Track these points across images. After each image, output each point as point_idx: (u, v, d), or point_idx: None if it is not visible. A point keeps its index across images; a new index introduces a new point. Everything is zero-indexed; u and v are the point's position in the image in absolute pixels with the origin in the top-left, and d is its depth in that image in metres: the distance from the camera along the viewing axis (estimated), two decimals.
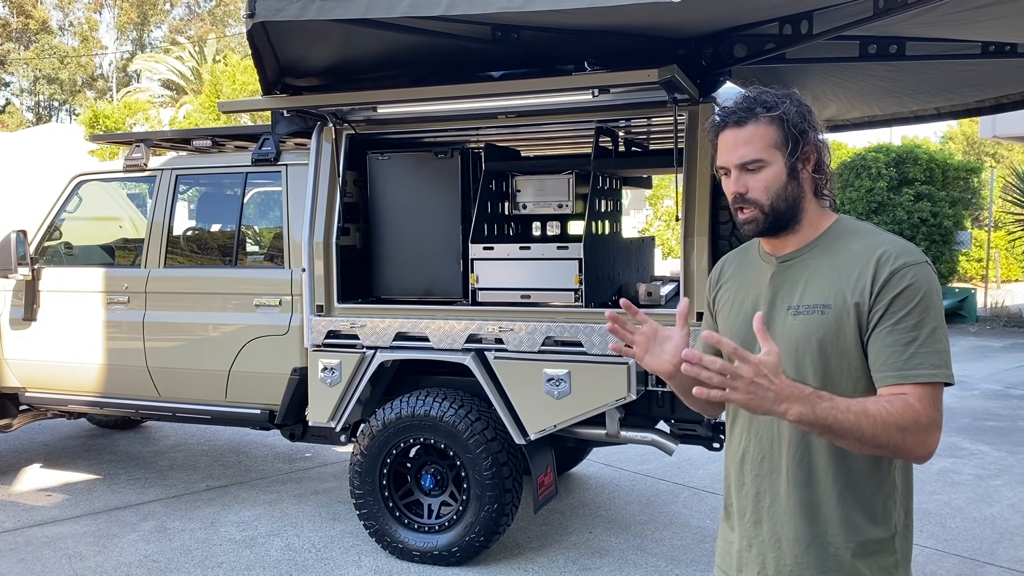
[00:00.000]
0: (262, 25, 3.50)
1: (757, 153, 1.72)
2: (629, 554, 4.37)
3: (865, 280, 1.65)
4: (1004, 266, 19.39)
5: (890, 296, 1.63)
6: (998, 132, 14.37)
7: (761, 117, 1.71)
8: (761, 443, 1.77)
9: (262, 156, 4.73)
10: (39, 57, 43.44)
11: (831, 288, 1.69)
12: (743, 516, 1.80)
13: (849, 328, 1.66)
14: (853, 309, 1.65)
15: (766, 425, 1.75)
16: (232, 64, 23.93)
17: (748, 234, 1.77)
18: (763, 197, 1.73)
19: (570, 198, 4.45)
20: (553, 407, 3.94)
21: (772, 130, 1.72)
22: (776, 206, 1.73)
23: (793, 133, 1.71)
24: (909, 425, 1.55)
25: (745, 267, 1.89)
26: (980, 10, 3.20)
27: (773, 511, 1.74)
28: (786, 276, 1.77)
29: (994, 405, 7.95)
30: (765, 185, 1.72)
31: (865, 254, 1.68)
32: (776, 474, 1.74)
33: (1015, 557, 4.36)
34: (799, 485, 1.71)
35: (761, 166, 1.72)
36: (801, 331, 1.70)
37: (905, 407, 1.56)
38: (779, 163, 1.72)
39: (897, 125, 5.65)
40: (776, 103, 1.72)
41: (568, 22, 3.41)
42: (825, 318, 1.68)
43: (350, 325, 4.33)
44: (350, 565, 4.25)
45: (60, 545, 4.51)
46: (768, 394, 1.47)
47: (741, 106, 1.73)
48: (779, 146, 1.72)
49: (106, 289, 5.09)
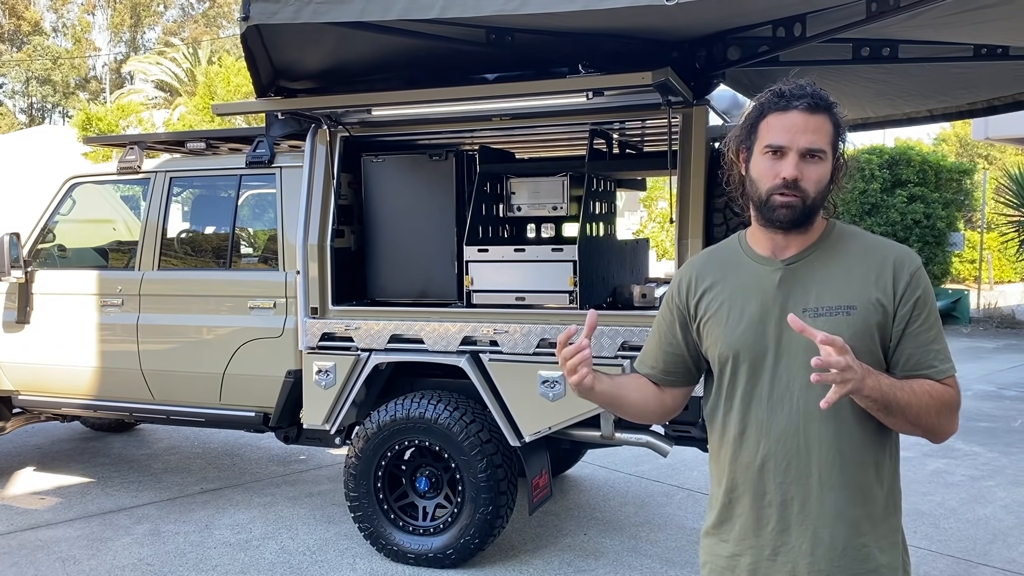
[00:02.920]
0: (256, 28, 3.50)
1: (823, 144, 1.70)
2: (624, 556, 4.38)
3: (886, 281, 1.71)
4: (997, 267, 19.46)
5: (913, 299, 1.71)
6: (991, 134, 14.43)
7: (830, 112, 1.71)
8: (787, 450, 1.72)
9: (256, 158, 4.72)
10: (31, 58, 43.30)
11: (852, 289, 1.72)
12: (764, 526, 1.74)
13: (874, 327, 1.71)
14: (879, 309, 1.71)
15: (790, 432, 1.72)
16: (226, 66, 23.86)
17: (782, 218, 1.70)
18: (812, 189, 1.70)
19: (564, 200, 4.45)
20: (548, 409, 3.95)
21: (832, 128, 1.72)
22: (817, 202, 1.72)
23: (842, 138, 1.74)
24: (944, 409, 1.70)
25: (733, 271, 1.82)
26: (972, 13, 3.21)
27: (803, 517, 1.71)
28: (796, 278, 1.75)
29: (987, 406, 7.98)
30: (818, 178, 1.70)
31: (873, 256, 1.75)
32: (806, 479, 1.71)
33: (1008, 558, 4.38)
34: (833, 488, 1.70)
35: (822, 159, 1.70)
36: (829, 332, 1.62)
37: (944, 391, 1.70)
38: (829, 162, 1.72)
39: (890, 127, 5.67)
40: (834, 103, 1.73)
41: (562, 25, 3.41)
42: (852, 319, 1.70)
43: (345, 327, 4.33)
44: (345, 568, 4.24)
45: (54, 548, 4.50)
46: (859, 372, 1.56)
47: (812, 93, 1.70)
48: (834, 146, 1.73)
49: (100, 292, 5.07)
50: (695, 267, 1.90)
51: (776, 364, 1.73)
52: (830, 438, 1.70)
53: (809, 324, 1.62)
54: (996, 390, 8.73)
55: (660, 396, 1.95)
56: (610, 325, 3.86)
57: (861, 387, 1.57)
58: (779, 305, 1.74)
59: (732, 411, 1.79)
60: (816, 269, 1.75)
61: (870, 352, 1.70)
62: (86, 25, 47.47)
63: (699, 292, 1.85)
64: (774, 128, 1.70)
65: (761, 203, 1.73)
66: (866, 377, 1.58)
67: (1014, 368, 9.98)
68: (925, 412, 1.67)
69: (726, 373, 1.80)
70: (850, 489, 1.71)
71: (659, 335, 1.94)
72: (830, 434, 1.70)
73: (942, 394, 1.69)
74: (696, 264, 1.90)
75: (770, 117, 1.72)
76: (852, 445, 1.71)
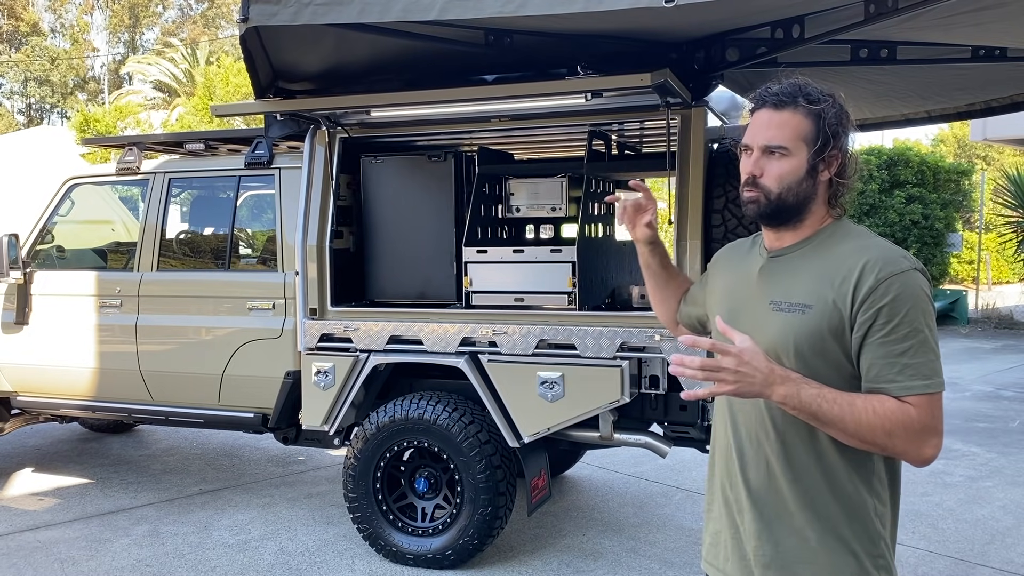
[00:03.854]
0: (255, 29, 3.50)
1: (784, 140, 1.70)
2: (623, 556, 4.38)
3: (848, 286, 1.64)
4: (995, 268, 19.48)
5: (876, 307, 1.61)
6: (989, 135, 14.44)
7: (800, 107, 1.71)
8: (743, 436, 1.78)
9: (255, 159, 4.73)
10: (30, 59, 43.28)
11: (814, 289, 1.68)
12: (730, 507, 1.81)
13: (828, 331, 1.65)
14: (834, 313, 1.64)
15: (752, 418, 1.76)
16: (225, 67, 23.86)
17: (750, 214, 1.77)
18: (774, 186, 1.71)
19: (563, 201, 4.46)
20: (547, 410, 3.95)
21: (806, 123, 1.70)
22: (784, 198, 1.72)
23: (826, 132, 1.70)
24: (896, 429, 1.57)
25: (742, 260, 1.91)
26: (970, 14, 3.22)
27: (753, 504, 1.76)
28: (772, 270, 1.78)
29: (985, 407, 7.99)
30: (780, 174, 1.71)
31: (851, 259, 1.67)
32: (758, 467, 1.75)
33: (1006, 558, 4.38)
34: (783, 481, 1.72)
35: (784, 155, 1.70)
36: (779, 328, 1.70)
37: (896, 411, 1.57)
38: (802, 157, 1.71)
39: (888, 128, 5.67)
40: (819, 98, 1.72)
41: (561, 26, 3.41)
42: (805, 318, 1.67)
43: (343, 328, 4.33)
44: (344, 569, 4.24)
45: (52, 550, 4.50)
46: (756, 378, 1.54)
47: (784, 90, 1.72)
48: (808, 141, 1.71)
49: (99, 293, 5.07)
50: (727, 248, 2.04)
51: None
52: (781, 432, 1.71)
53: (770, 317, 1.71)
54: (994, 391, 8.74)
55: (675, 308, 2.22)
56: (609, 326, 3.87)
57: (764, 392, 1.55)
58: (754, 295, 1.80)
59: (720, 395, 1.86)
60: (795, 264, 1.75)
61: (824, 355, 1.66)
62: (84, 26, 47.42)
63: (716, 271, 2.00)
64: (749, 127, 1.77)
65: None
66: (776, 384, 1.55)
67: (1012, 368, 9.99)
68: (867, 430, 1.56)
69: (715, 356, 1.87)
70: (799, 486, 1.70)
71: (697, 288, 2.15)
72: (782, 428, 1.71)
73: (892, 413, 1.56)
74: (730, 245, 2.03)
75: (751, 116, 1.78)
76: (802, 443, 1.69)
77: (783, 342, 1.69)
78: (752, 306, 1.78)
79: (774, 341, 1.70)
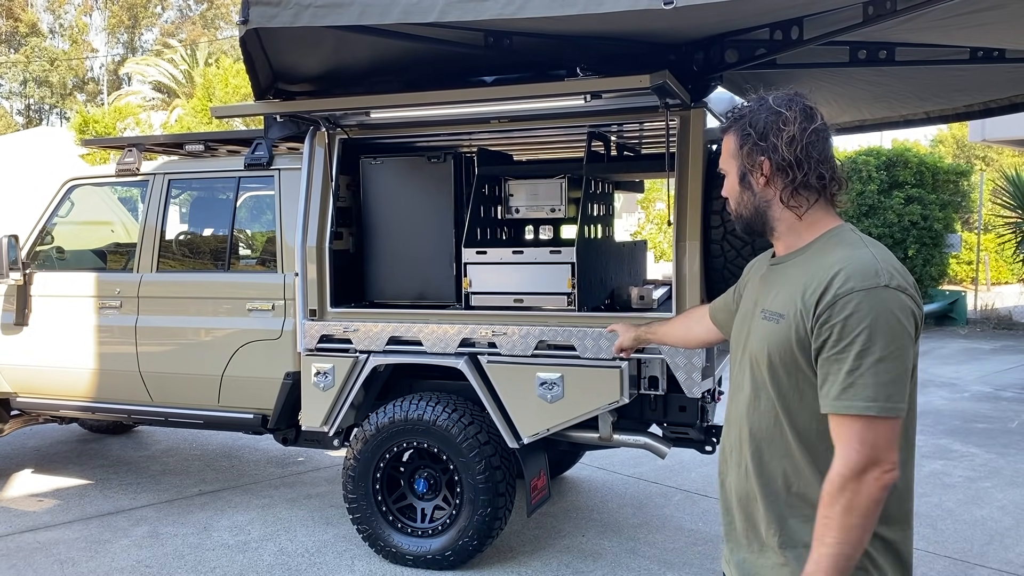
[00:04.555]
0: (255, 31, 3.50)
1: (722, 163, 1.81)
2: (622, 557, 4.38)
3: (813, 298, 1.62)
4: (994, 269, 19.49)
5: (834, 321, 1.58)
6: (987, 136, 14.46)
7: (731, 127, 1.77)
8: (730, 438, 1.84)
9: (255, 160, 4.73)
10: (29, 60, 43.26)
11: (789, 298, 1.69)
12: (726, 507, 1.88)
13: (795, 341, 1.65)
14: (800, 324, 1.64)
15: (736, 421, 1.82)
16: (224, 67, 23.86)
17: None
18: (732, 204, 1.82)
19: (563, 202, 4.46)
20: (546, 411, 3.96)
21: (733, 139, 1.76)
22: (740, 213, 1.80)
23: (745, 142, 1.73)
24: (837, 495, 1.53)
25: (762, 265, 1.95)
26: (968, 16, 3.23)
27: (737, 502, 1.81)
28: (769, 279, 1.82)
29: (984, 407, 7.99)
30: (729, 195, 1.82)
31: (826, 268, 1.64)
32: (738, 468, 1.80)
33: (1005, 559, 4.39)
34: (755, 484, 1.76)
35: (725, 175, 1.80)
36: (760, 335, 1.74)
37: (828, 494, 1.55)
38: (733, 172, 1.77)
39: (887, 129, 5.68)
40: (746, 112, 1.75)
41: (560, 28, 3.42)
42: (778, 327, 1.69)
43: (343, 329, 4.34)
44: (343, 569, 4.25)
45: (52, 551, 4.50)
46: None
47: (729, 114, 1.79)
48: (735, 155, 1.76)
49: (98, 293, 5.08)
50: (750, 265, 2.07)
51: (740, 358, 1.84)
52: (753, 436, 1.75)
53: (756, 325, 1.77)
54: (993, 391, 8.75)
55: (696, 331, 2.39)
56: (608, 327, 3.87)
57: None
58: (754, 302, 1.84)
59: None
60: (788, 273, 1.76)
61: (790, 365, 1.66)
62: (83, 26, 47.41)
63: (747, 279, 2.03)
64: None
65: None
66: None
67: (1011, 369, 10.00)
68: (849, 525, 1.52)
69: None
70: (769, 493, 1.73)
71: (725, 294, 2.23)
72: (754, 435, 1.75)
73: (832, 499, 1.53)
74: (752, 262, 2.07)
75: None
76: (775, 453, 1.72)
77: (760, 350, 1.73)
78: (751, 313, 1.83)
79: (755, 348, 1.75)
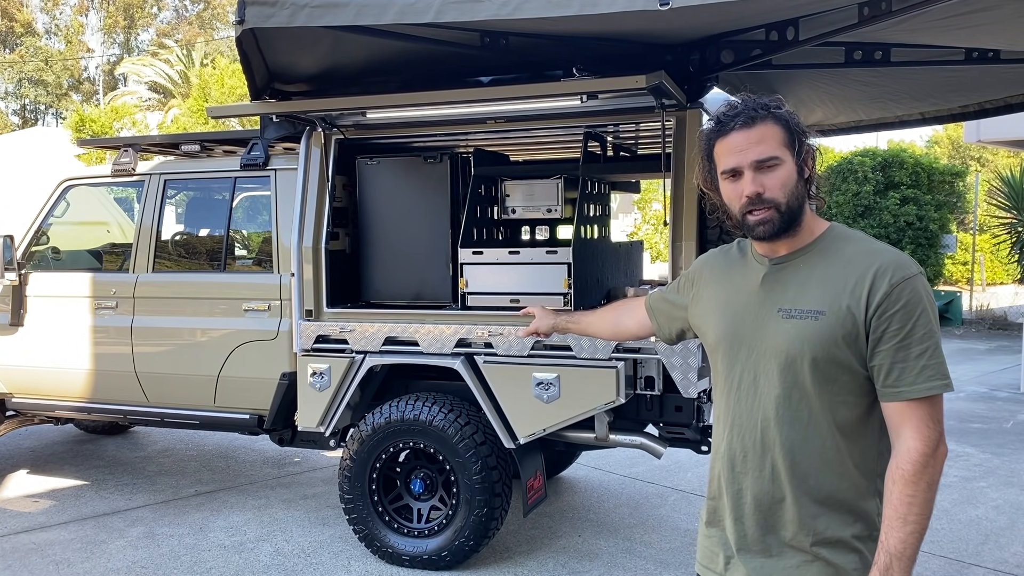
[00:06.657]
0: (251, 31, 3.50)
1: (773, 151, 1.71)
2: (618, 557, 4.39)
3: (862, 290, 1.66)
4: (989, 269, 19.53)
5: (891, 311, 1.64)
6: (982, 136, 14.46)
7: (769, 117, 1.72)
8: (745, 442, 1.79)
9: (251, 161, 4.72)
10: (24, 60, 43.16)
11: (826, 294, 1.69)
12: (729, 514, 1.82)
13: (842, 336, 1.67)
14: (848, 318, 1.66)
15: (750, 425, 1.78)
16: (220, 68, 23.82)
17: (763, 236, 1.74)
18: (781, 196, 1.71)
19: (559, 202, 4.46)
20: (542, 411, 3.96)
21: (780, 130, 1.72)
22: (791, 205, 1.72)
23: (797, 133, 1.73)
24: (921, 473, 1.66)
25: (733, 267, 1.90)
26: (963, 17, 3.24)
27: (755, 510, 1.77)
28: (777, 278, 1.78)
29: (979, 407, 8.02)
30: (782, 183, 1.71)
31: (860, 262, 1.69)
32: (759, 472, 1.76)
33: (1000, 558, 4.40)
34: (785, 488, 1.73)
35: (777, 164, 1.71)
36: (794, 335, 1.71)
37: (911, 474, 1.65)
38: (791, 162, 1.72)
39: (883, 130, 5.69)
40: (778, 104, 1.74)
41: (557, 28, 3.42)
42: (819, 324, 1.68)
43: (339, 330, 4.33)
44: (339, 570, 4.24)
45: (47, 552, 4.49)
46: None
47: (746, 108, 1.73)
48: (788, 145, 1.72)
49: (94, 294, 5.07)
50: (706, 259, 2.02)
51: (748, 358, 1.79)
52: (786, 436, 1.73)
53: (781, 324, 1.73)
54: (988, 391, 8.77)
55: (627, 324, 2.34)
56: None
57: None
58: (758, 302, 1.79)
59: (718, 399, 1.89)
60: (800, 271, 1.76)
61: (838, 362, 1.68)
62: (79, 27, 47.32)
63: (700, 282, 1.99)
64: (723, 153, 1.75)
65: (740, 224, 1.78)
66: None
67: (1006, 369, 10.02)
68: (923, 500, 1.66)
69: (715, 362, 1.89)
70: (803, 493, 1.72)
71: (656, 299, 2.19)
72: (787, 435, 1.72)
73: (916, 473, 1.65)
74: (707, 256, 2.03)
75: (717, 145, 1.77)
76: (810, 452, 1.71)
77: (798, 349, 1.70)
78: (757, 314, 1.78)
79: (788, 348, 1.71)
